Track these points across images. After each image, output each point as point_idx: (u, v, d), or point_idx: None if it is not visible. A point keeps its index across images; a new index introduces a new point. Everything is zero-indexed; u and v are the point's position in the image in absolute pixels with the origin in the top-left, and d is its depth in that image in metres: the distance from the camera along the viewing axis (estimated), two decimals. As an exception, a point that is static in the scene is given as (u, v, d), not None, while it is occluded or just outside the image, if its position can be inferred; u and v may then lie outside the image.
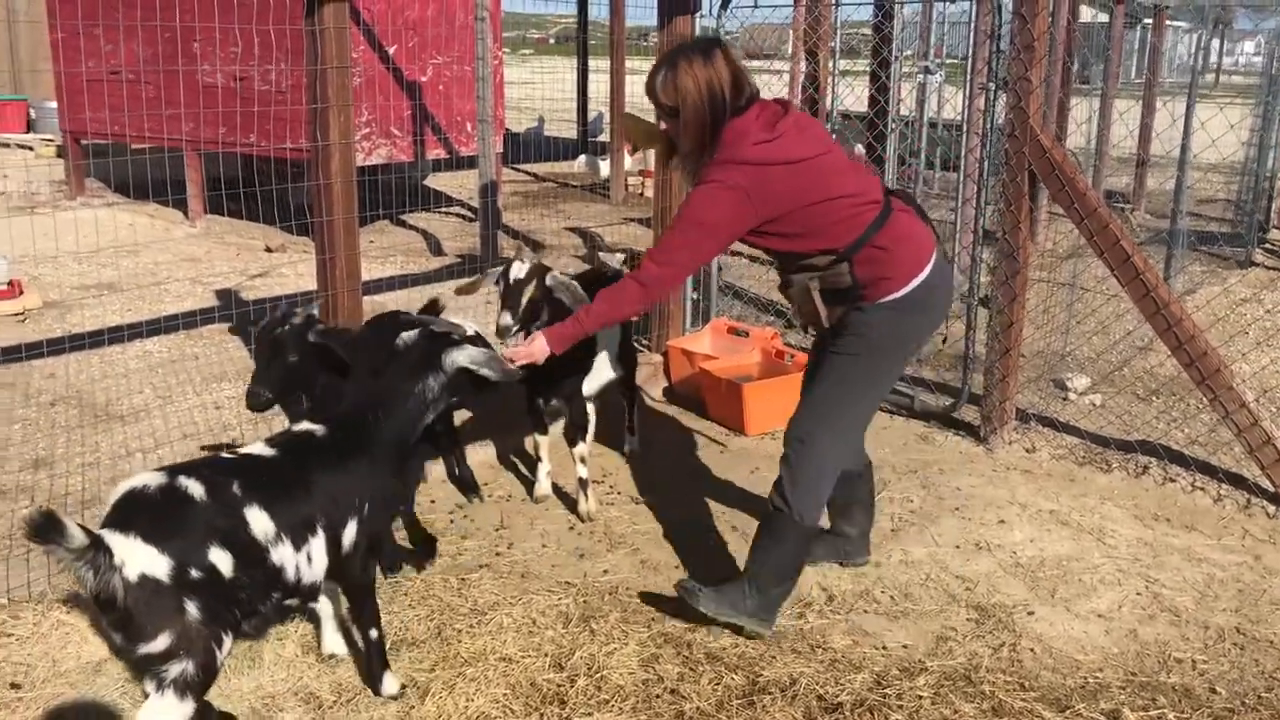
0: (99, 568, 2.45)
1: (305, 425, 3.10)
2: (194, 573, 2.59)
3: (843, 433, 3.67)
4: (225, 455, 2.97)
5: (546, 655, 3.50)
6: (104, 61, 10.94)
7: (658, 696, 3.31)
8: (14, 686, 3.27)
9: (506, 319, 4.13)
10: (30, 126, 15.34)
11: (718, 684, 3.37)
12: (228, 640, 2.68)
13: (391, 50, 10.16)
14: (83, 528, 2.43)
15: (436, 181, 13.52)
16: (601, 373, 4.74)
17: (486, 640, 3.56)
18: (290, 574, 2.84)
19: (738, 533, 4.41)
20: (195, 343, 6.86)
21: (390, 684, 3.26)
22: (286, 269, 9.06)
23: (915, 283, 3.49)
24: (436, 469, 4.88)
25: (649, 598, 3.89)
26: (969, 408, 5.64)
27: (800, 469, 3.61)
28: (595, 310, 3.58)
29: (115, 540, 2.51)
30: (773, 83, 7.77)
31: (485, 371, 3.27)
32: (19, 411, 5.59)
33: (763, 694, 3.31)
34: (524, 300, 4.13)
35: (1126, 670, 3.51)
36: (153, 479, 2.68)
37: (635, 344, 5.63)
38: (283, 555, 2.81)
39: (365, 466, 3.07)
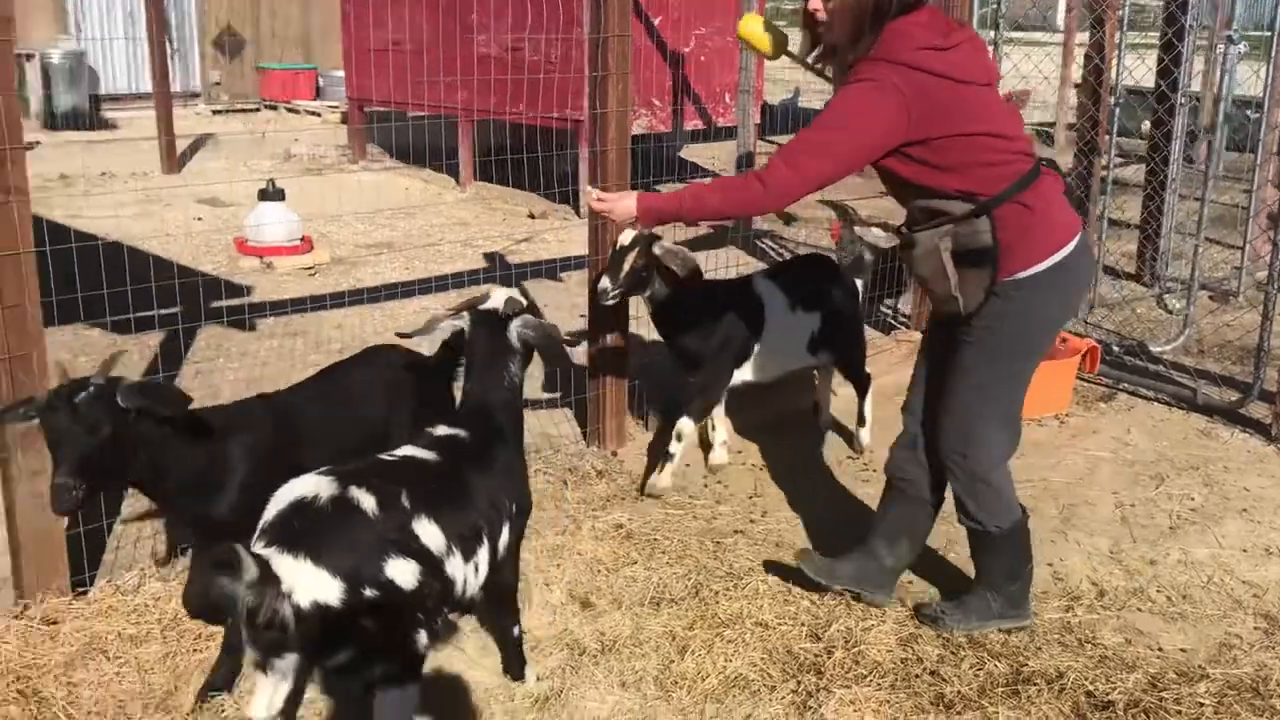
0: (266, 597, 2.24)
1: (445, 429, 2.90)
2: (370, 593, 2.38)
3: (996, 433, 3.33)
4: (386, 459, 2.74)
5: (803, 625, 3.50)
6: (388, 32, 11.60)
7: (916, 676, 3.26)
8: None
9: (606, 283, 4.09)
10: (318, 94, 16.48)
11: (979, 669, 3.29)
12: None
13: (656, 21, 10.31)
14: (255, 556, 2.27)
15: (688, 153, 13.67)
16: (771, 354, 4.56)
17: (743, 604, 3.60)
18: (459, 587, 2.65)
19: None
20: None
21: (531, 675, 3.21)
22: (549, 235, 9.38)
23: (1060, 255, 3.10)
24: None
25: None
26: (1258, 404, 5.24)
27: (970, 484, 3.36)
28: (701, 195, 3.17)
29: (287, 564, 2.30)
30: (1036, 56, 7.39)
31: (538, 342, 3.05)
32: (311, 357, 6.04)
33: (1027, 684, 3.21)
34: (626, 266, 4.08)
35: None
36: (323, 487, 2.48)
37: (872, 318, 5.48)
38: (454, 568, 2.62)
39: (507, 466, 2.95)
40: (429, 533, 2.55)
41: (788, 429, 5.15)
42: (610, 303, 4.21)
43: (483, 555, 2.74)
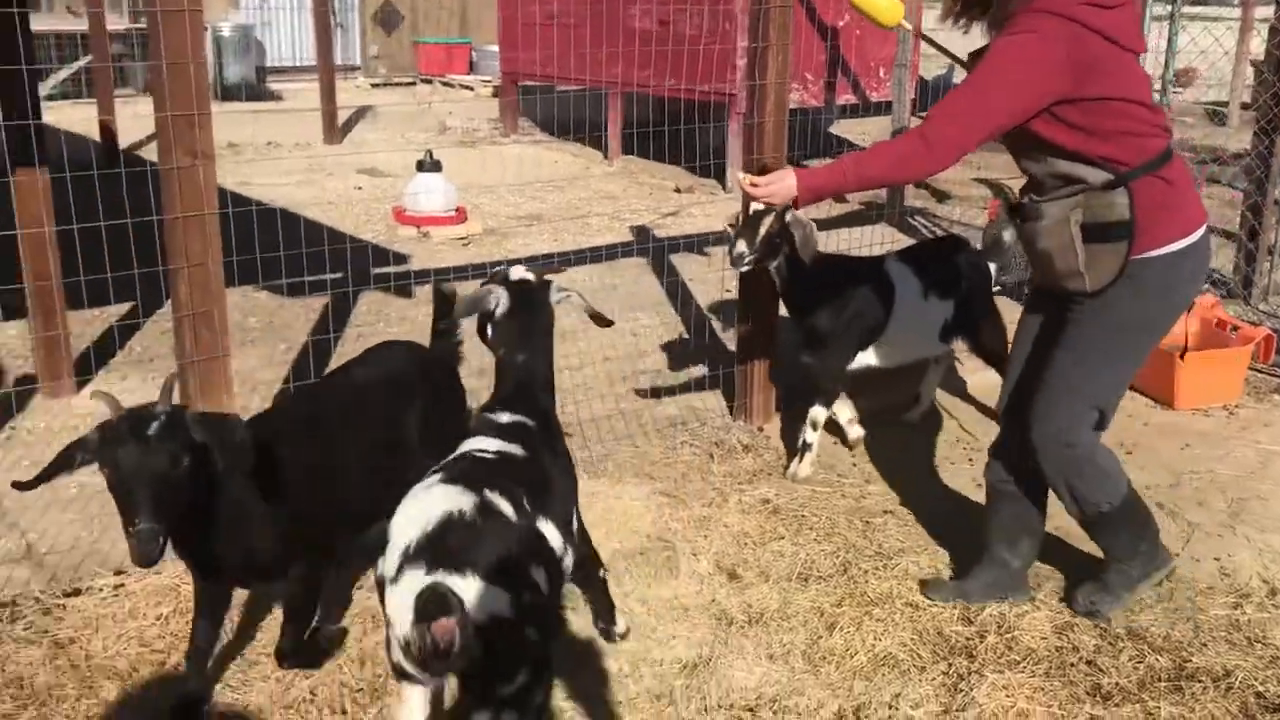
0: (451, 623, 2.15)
1: (507, 415, 2.82)
2: (527, 597, 2.36)
3: (1103, 420, 3.18)
4: (485, 456, 2.65)
5: (954, 608, 3.45)
6: (542, 6, 11.74)
7: (1072, 665, 3.18)
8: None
9: (741, 247, 3.98)
10: (472, 68, 16.79)
11: (1139, 663, 3.18)
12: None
13: (811, -6, 10.18)
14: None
15: (838, 128, 13.47)
16: (898, 340, 4.45)
17: (893, 584, 3.57)
18: (566, 575, 2.70)
19: (1164, 510, 4.11)
20: (615, 274, 7.28)
21: (621, 623, 3.23)
22: (695, 209, 9.39)
23: (1195, 236, 2.98)
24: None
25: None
26: None
27: (1076, 467, 3.19)
28: (863, 163, 3.02)
29: (456, 584, 2.22)
30: (1216, 29, 7.02)
31: (579, 305, 3.03)
32: (465, 325, 6.19)
33: (1191, 681, 3.10)
34: (762, 231, 3.97)
35: None
36: (463, 500, 2.39)
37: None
38: (567, 558, 2.66)
39: (565, 447, 2.94)
40: (549, 531, 2.56)
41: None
42: (744, 269, 4.14)
43: (572, 538, 2.75)
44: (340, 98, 12.33)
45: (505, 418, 2.80)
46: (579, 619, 3.35)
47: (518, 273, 2.99)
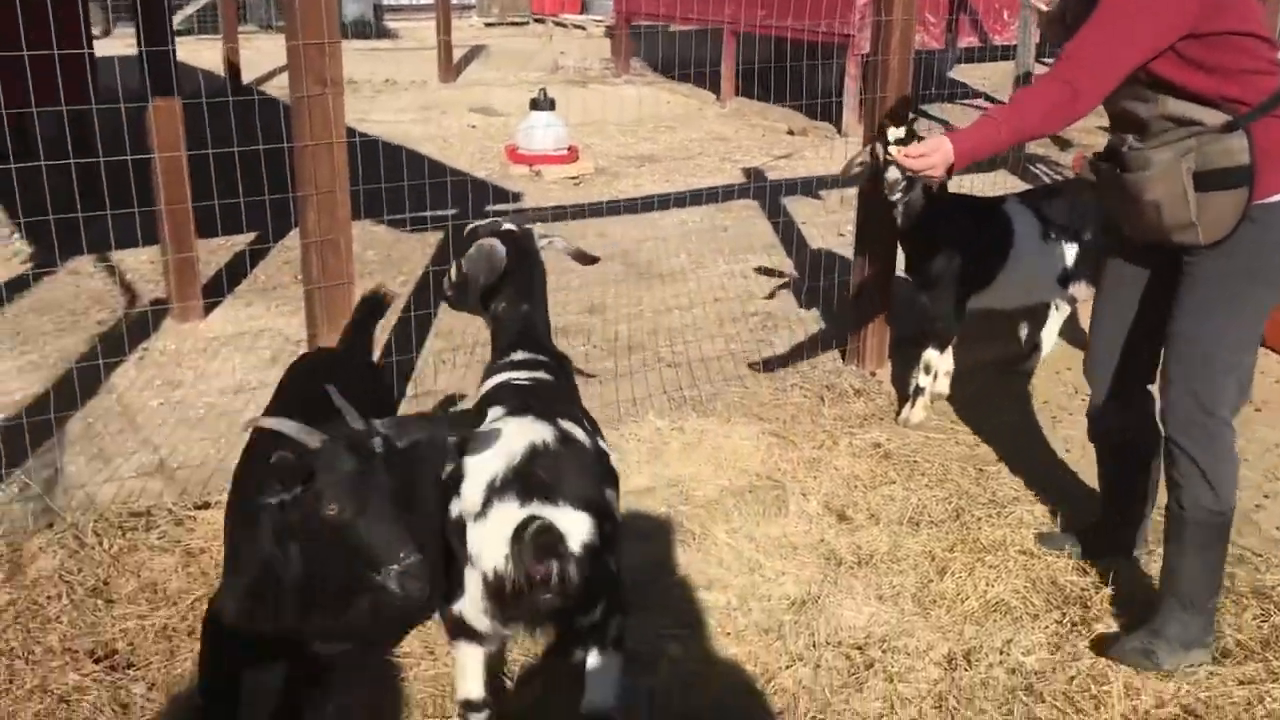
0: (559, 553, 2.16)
1: (523, 353, 2.78)
2: (608, 526, 2.34)
3: (1241, 388, 2.90)
4: (531, 383, 2.62)
5: (1069, 557, 3.39)
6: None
7: (1192, 621, 3.10)
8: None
9: (895, 173, 3.88)
10: (584, 8, 16.74)
11: (1264, 622, 3.09)
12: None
13: (935, -68, 9.88)
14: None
15: (958, 72, 13.10)
16: (1016, 282, 4.34)
17: (1007, 532, 3.51)
18: None
19: (1294, 469, 3.97)
20: (725, 215, 7.24)
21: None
22: (808, 152, 9.26)
23: None
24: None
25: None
26: None
27: (1210, 453, 2.86)
28: (1014, 118, 2.83)
29: (551, 514, 2.21)
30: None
31: (568, 250, 3.03)
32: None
33: (1319, 643, 3.00)
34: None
35: None
36: (543, 431, 2.36)
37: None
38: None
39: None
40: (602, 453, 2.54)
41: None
42: (897, 197, 4.04)
43: None
44: (455, 36, 12.41)
45: (522, 355, 2.77)
46: (690, 554, 3.39)
47: (504, 225, 2.92)
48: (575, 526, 2.23)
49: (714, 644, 3.01)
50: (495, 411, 2.47)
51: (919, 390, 4.35)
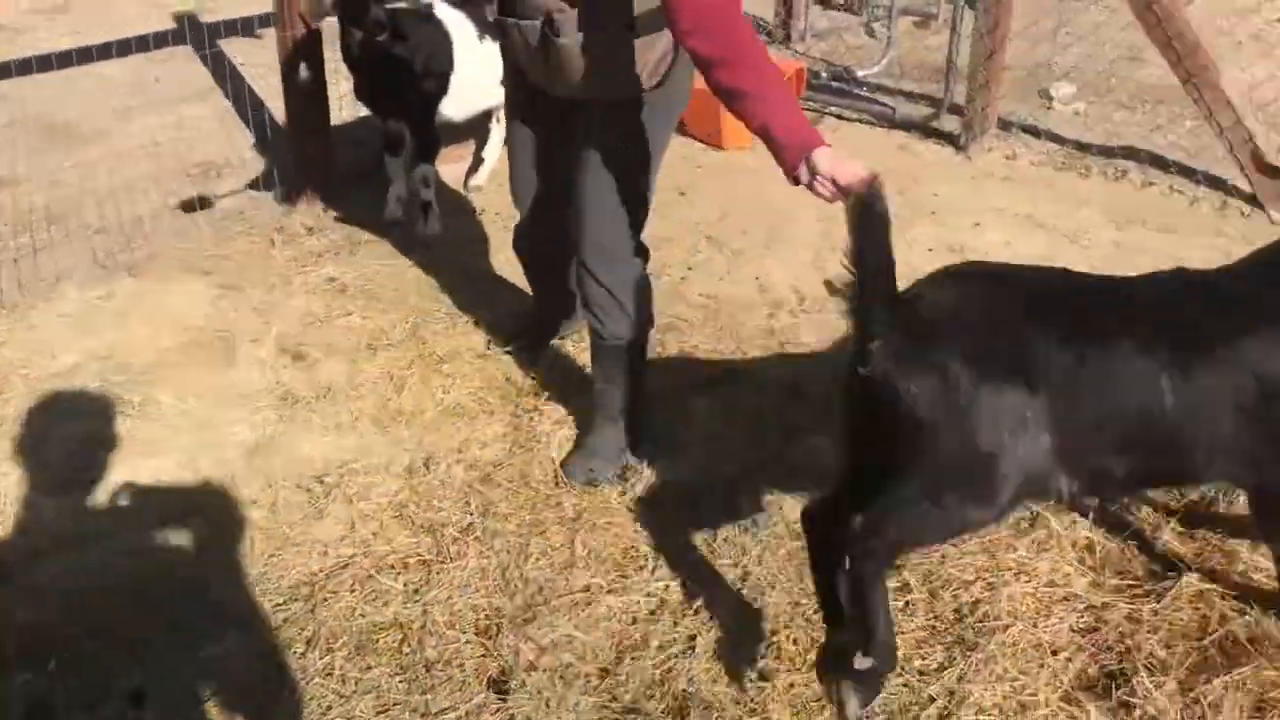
0: None
1: None
2: None
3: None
4: None
5: (524, 350, 3.55)
6: None
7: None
8: None
9: (379, 13, 3.80)
10: None
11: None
12: None
13: None
14: None
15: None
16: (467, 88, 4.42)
17: (461, 340, 3.62)
18: None
19: (713, 242, 4.38)
20: (154, 65, 6.60)
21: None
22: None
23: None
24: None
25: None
26: (950, 117, 5.52)
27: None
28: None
29: None
30: None
31: None
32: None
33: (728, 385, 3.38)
34: None
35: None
36: None
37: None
38: None
39: None
40: None
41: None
42: (384, 36, 3.84)
43: None
44: None
45: None
46: (131, 423, 3.15)
47: None
48: None
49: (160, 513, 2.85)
50: None
51: (428, 204, 4.23)
